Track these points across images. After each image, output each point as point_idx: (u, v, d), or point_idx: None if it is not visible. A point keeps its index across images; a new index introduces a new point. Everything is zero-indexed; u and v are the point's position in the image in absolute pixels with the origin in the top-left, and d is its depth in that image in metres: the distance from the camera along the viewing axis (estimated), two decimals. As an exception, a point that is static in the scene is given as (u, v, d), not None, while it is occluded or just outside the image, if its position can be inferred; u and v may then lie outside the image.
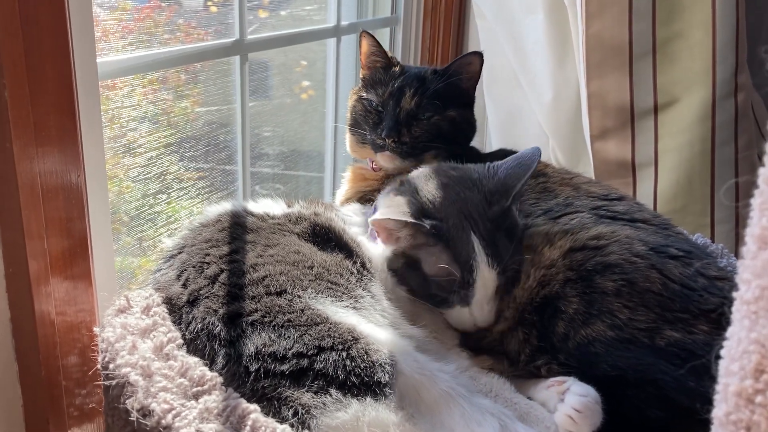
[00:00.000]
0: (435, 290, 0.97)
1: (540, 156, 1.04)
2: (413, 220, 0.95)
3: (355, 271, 0.96)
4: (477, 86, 1.35)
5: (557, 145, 1.80)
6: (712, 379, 0.49)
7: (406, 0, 1.97)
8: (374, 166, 1.34)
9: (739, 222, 1.56)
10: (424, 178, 1.06)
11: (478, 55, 1.31)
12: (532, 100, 1.83)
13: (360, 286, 0.93)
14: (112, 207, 1.27)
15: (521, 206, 1.08)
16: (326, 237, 1.01)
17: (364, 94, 1.34)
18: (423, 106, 1.28)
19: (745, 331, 0.46)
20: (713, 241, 1.32)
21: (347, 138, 1.40)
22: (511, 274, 0.98)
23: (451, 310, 0.98)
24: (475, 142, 1.40)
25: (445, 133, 1.29)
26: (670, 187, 1.59)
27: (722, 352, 0.48)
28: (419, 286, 0.99)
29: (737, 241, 1.55)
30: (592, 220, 1.03)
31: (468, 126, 1.34)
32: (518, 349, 0.97)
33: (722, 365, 0.48)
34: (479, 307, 0.97)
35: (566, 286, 0.94)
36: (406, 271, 0.99)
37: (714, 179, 1.56)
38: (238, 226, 0.99)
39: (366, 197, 1.28)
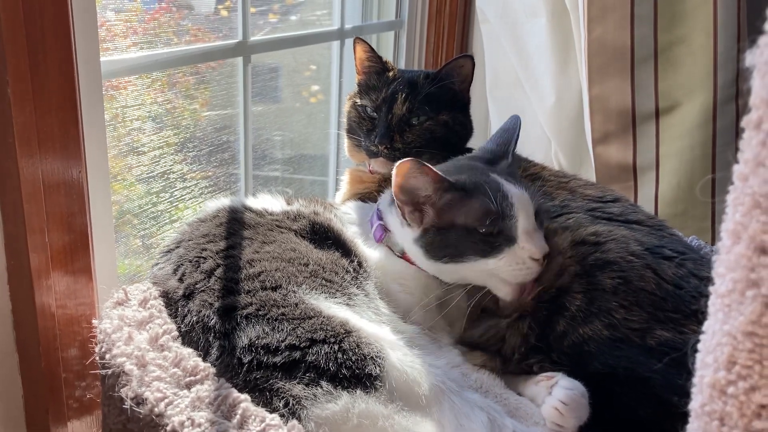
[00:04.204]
0: (479, 238, 0.95)
1: (520, 121, 1.11)
2: (439, 173, 0.95)
3: (351, 270, 0.96)
4: (470, 88, 1.36)
5: (559, 148, 1.81)
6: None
7: (411, 3, 1.98)
8: (371, 169, 1.35)
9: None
10: None
11: (469, 58, 1.32)
12: (534, 103, 1.84)
13: (354, 285, 0.94)
14: (117, 206, 1.29)
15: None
16: (324, 235, 1.02)
17: (359, 100, 1.35)
18: (415, 111, 1.28)
19: (719, 323, 0.47)
20: (713, 245, 1.32)
21: (345, 142, 1.41)
22: (543, 207, 1.00)
23: (502, 256, 0.94)
24: (477, 145, 1.41)
25: (438, 137, 1.29)
26: (671, 190, 1.59)
27: (699, 346, 0.49)
28: (462, 242, 0.96)
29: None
30: (588, 221, 1.04)
31: (462, 128, 1.35)
32: (515, 345, 0.96)
33: (699, 358, 0.49)
34: (527, 236, 0.94)
35: (574, 281, 0.94)
36: (442, 237, 0.97)
37: (715, 183, 1.56)
38: (235, 222, 1.00)
39: (363, 199, 1.29)
